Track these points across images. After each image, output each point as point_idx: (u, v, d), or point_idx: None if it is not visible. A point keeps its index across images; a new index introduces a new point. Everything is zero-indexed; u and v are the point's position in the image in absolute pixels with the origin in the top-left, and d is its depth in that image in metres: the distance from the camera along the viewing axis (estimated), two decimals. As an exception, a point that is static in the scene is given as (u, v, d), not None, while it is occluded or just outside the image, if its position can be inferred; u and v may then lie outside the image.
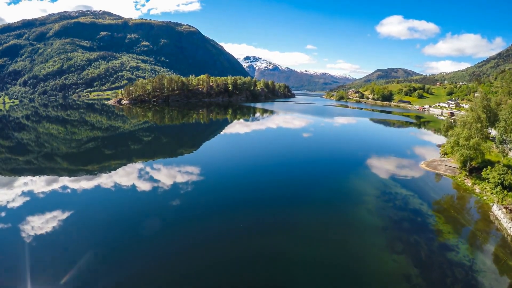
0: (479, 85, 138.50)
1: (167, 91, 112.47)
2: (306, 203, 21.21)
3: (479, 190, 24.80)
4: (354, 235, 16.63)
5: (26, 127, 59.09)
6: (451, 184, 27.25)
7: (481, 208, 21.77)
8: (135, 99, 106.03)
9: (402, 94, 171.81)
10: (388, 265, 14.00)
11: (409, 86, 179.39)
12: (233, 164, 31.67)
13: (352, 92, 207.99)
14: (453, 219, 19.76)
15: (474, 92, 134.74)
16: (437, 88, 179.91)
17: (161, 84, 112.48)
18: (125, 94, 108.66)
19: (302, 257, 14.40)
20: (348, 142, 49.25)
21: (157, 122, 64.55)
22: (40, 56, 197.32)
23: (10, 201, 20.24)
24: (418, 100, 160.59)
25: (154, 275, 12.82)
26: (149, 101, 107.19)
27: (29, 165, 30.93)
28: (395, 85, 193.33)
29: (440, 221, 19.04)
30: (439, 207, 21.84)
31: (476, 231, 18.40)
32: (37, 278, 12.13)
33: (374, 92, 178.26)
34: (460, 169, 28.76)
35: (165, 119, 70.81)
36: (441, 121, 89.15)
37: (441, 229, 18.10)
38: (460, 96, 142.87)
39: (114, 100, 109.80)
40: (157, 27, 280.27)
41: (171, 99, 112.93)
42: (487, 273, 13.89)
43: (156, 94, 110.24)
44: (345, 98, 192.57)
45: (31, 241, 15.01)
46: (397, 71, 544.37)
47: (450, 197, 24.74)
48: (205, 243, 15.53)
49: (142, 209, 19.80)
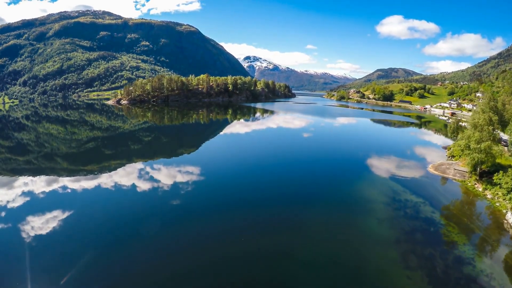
0: (481, 85, 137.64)
1: (166, 91, 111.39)
2: (312, 204, 20.44)
3: (490, 195, 23.84)
4: (363, 248, 15.72)
5: (26, 127, 58.53)
6: (461, 189, 26.33)
7: (494, 215, 20.85)
8: (134, 99, 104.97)
9: (403, 94, 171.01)
10: (401, 282, 13.08)
11: (410, 86, 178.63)
12: (234, 164, 31.30)
13: (353, 92, 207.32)
14: (467, 228, 18.85)
15: (476, 92, 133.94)
16: (438, 88, 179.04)
17: (161, 84, 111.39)
18: (124, 94, 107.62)
19: (305, 260, 13.91)
20: (350, 142, 48.35)
21: (157, 122, 64.12)
22: (40, 56, 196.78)
23: (10, 201, 20.10)
24: (419, 100, 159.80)
25: (155, 275, 12.60)
26: (149, 101, 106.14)
27: (29, 165, 30.64)
28: (396, 85, 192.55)
29: (453, 231, 18.10)
30: (451, 215, 20.92)
31: (491, 241, 17.48)
32: (37, 278, 12.07)
33: (375, 92, 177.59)
34: (470, 173, 27.80)
35: (164, 119, 70.41)
36: (442, 121, 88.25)
37: (455, 240, 17.16)
38: (461, 96, 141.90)
39: (113, 100, 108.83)
40: (157, 27, 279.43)
41: (171, 99, 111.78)
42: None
43: (156, 94, 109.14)
44: (346, 98, 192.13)
45: (31, 241, 14.95)
46: (398, 71, 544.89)
47: (461, 203, 23.81)
48: (206, 243, 15.31)
49: (142, 209, 19.55)
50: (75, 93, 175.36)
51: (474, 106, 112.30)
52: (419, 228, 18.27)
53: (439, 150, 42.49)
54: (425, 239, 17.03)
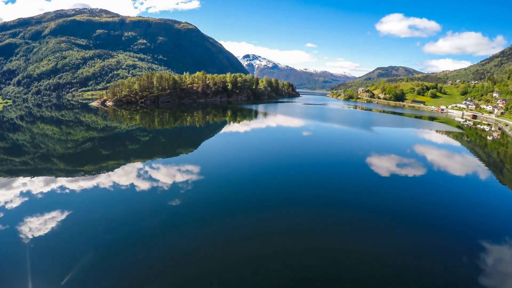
0: (495, 85, 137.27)
1: (156, 91, 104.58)
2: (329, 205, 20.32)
3: None
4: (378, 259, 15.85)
5: (21, 127, 59.94)
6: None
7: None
8: (120, 100, 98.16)
9: (414, 93, 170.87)
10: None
11: (421, 85, 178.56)
12: (235, 162, 31.62)
13: (362, 91, 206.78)
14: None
15: (491, 92, 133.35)
16: (450, 87, 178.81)
17: (150, 83, 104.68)
18: (110, 95, 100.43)
19: (309, 264, 13.87)
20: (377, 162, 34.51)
21: (146, 126, 61.23)
22: (35, 55, 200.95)
23: (8, 202, 20.65)
24: (431, 100, 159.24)
25: (155, 275, 12.95)
26: (136, 103, 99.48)
27: (25, 166, 31.38)
28: (406, 84, 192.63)
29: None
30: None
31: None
32: (37, 280, 12.54)
33: (385, 91, 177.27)
34: None
35: (154, 123, 70.54)
36: (466, 127, 77.40)
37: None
38: (476, 96, 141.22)
39: (98, 102, 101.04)
40: (155, 25, 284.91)
41: (161, 99, 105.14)
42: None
43: (144, 95, 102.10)
44: (354, 98, 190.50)
45: (30, 243, 15.41)
46: (398, 69, 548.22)
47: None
48: (206, 243, 15.67)
49: (142, 209, 19.98)
50: (69, 92, 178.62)
51: (494, 108, 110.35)
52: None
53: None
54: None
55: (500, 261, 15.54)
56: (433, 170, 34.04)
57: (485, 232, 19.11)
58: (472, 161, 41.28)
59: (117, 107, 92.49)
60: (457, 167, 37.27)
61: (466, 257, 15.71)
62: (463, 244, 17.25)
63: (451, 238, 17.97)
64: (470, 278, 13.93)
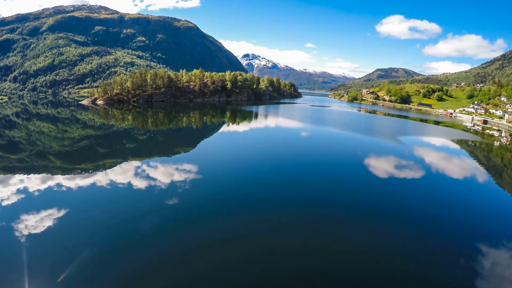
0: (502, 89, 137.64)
1: (150, 89, 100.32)
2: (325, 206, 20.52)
3: None
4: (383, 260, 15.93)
5: (17, 124, 60.15)
6: None
7: None
8: (111, 99, 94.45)
9: (420, 96, 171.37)
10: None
11: (427, 87, 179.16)
12: (234, 162, 31.91)
13: (366, 92, 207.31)
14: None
15: (499, 96, 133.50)
16: (455, 90, 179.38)
17: (143, 81, 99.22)
18: (101, 93, 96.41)
19: (309, 264, 14.06)
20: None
21: (139, 126, 59.40)
22: (32, 51, 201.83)
23: (4, 200, 20.82)
24: (438, 103, 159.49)
25: (151, 274, 13.11)
26: (128, 101, 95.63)
27: (21, 163, 31.63)
28: (411, 86, 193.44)
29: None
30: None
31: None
32: (33, 277, 12.71)
33: (391, 93, 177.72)
34: None
35: (148, 124, 70.92)
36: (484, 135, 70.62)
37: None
38: (484, 100, 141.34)
39: (89, 100, 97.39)
40: (154, 22, 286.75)
41: (155, 98, 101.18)
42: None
43: (137, 93, 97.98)
44: (359, 100, 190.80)
45: (26, 240, 15.61)
46: (398, 70, 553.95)
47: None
48: (204, 242, 15.86)
49: (139, 208, 20.17)
50: (65, 89, 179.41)
51: (505, 113, 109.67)
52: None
53: None
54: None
55: (497, 264, 15.71)
56: (432, 173, 34.37)
57: (483, 234, 19.35)
58: (479, 166, 41.44)
59: (109, 106, 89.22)
60: (457, 169, 37.59)
61: (464, 260, 15.89)
62: (460, 247, 17.47)
63: (448, 240, 18.18)
64: (468, 281, 14.10)
